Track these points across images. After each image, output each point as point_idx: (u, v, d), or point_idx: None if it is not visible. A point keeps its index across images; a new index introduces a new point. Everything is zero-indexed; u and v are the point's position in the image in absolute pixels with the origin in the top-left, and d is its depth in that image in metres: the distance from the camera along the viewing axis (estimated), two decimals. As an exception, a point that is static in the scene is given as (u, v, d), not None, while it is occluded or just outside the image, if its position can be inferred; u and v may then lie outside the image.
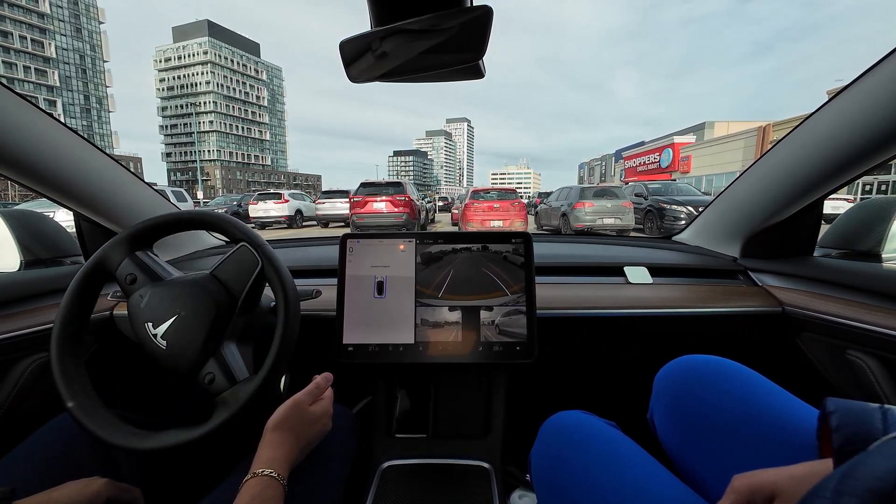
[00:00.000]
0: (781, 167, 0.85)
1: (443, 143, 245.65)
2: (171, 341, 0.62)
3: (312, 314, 0.88)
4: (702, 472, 0.54)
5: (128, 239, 0.68)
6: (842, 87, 0.70)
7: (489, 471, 0.86)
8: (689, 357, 0.65)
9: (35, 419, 0.68)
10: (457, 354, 0.79)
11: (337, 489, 0.65)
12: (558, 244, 1.23)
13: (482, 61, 0.52)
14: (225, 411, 0.59)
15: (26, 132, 0.73)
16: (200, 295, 0.64)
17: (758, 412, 0.53)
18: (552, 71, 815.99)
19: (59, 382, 0.60)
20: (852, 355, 0.73)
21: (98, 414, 0.59)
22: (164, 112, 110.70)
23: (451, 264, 0.83)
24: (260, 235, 0.69)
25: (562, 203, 9.73)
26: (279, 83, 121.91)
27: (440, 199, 30.79)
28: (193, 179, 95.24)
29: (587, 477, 0.52)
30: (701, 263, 1.06)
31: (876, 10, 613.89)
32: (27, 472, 0.58)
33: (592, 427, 0.59)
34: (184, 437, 0.57)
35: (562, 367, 1.14)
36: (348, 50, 0.51)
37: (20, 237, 0.96)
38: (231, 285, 0.66)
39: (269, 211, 13.56)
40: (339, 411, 0.76)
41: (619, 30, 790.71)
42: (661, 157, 29.33)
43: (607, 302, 0.92)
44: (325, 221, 13.82)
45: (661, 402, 0.63)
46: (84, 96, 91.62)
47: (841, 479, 0.27)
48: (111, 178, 0.93)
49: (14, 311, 0.80)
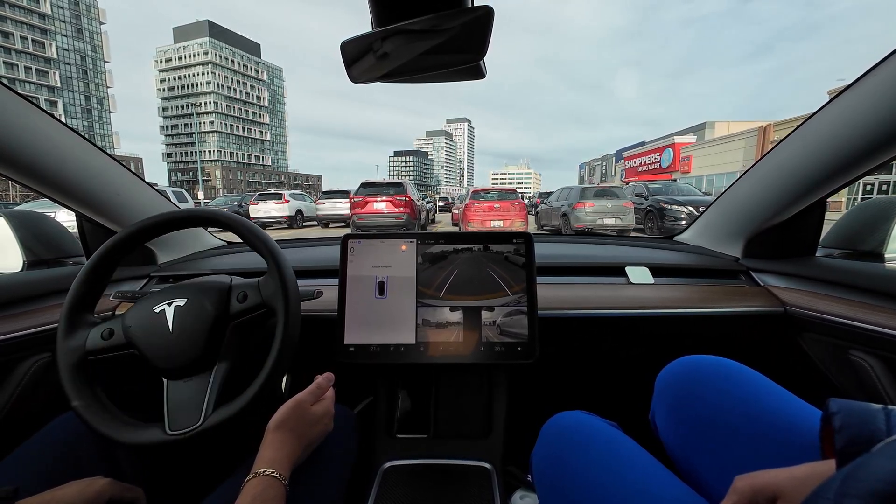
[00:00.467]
0: (783, 167, 0.85)
1: (443, 144, 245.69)
2: (179, 325, 0.63)
3: (314, 315, 0.88)
4: (704, 472, 0.54)
5: (136, 233, 0.69)
6: (843, 86, 0.70)
7: (490, 471, 0.86)
8: (691, 357, 0.65)
9: (37, 419, 0.68)
10: (458, 355, 0.79)
11: (338, 489, 0.65)
12: (559, 244, 1.23)
13: (483, 61, 0.52)
14: (225, 411, 0.59)
15: (28, 133, 0.73)
16: (212, 292, 0.67)
17: (760, 412, 0.53)
18: (553, 71, 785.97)
19: (65, 381, 0.60)
20: (855, 356, 0.73)
21: (103, 412, 0.60)
22: (165, 112, 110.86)
23: (452, 265, 0.83)
24: (266, 233, 0.70)
25: (562, 203, 9.73)
26: (280, 83, 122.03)
27: (440, 200, 30.80)
28: (194, 180, 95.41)
29: (588, 477, 0.52)
30: (703, 263, 1.06)
31: (877, 10, 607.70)
32: (30, 472, 0.58)
33: (593, 427, 0.59)
34: (155, 438, 0.58)
35: (563, 368, 1.14)
36: (349, 50, 0.51)
37: (23, 238, 0.96)
38: (238, 302, 0.67)
39: (269, 211, 13.58)
40: (341, 412, 0.76)
41: (620, 30, 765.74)
42: (662, 157, 29.32)
43: (609, 302, 0.91)
44: (326, 222, 13.83)
45: (663, 402, 0.63)
46: (85, 97, 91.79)
47: (844, 480, 0.26)
48: (112, 178, 0.93)
49: (17, 312, 0.80)
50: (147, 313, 0.65)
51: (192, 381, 0.63)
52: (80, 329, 0.65)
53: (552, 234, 8.85)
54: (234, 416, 0.59)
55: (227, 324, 0.66)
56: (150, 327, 0.64)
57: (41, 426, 0.64)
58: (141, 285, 1.04)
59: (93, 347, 0.63)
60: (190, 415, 0.60)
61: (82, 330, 0.65)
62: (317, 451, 0.62)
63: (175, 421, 0.59)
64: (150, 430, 0.59)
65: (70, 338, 0.63)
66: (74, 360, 0.62)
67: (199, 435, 0.58)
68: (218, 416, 0.59)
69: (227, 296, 0.67)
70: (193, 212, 0.74)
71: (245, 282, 0.71)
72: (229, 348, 0.66)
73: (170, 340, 0.62)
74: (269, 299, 0.66)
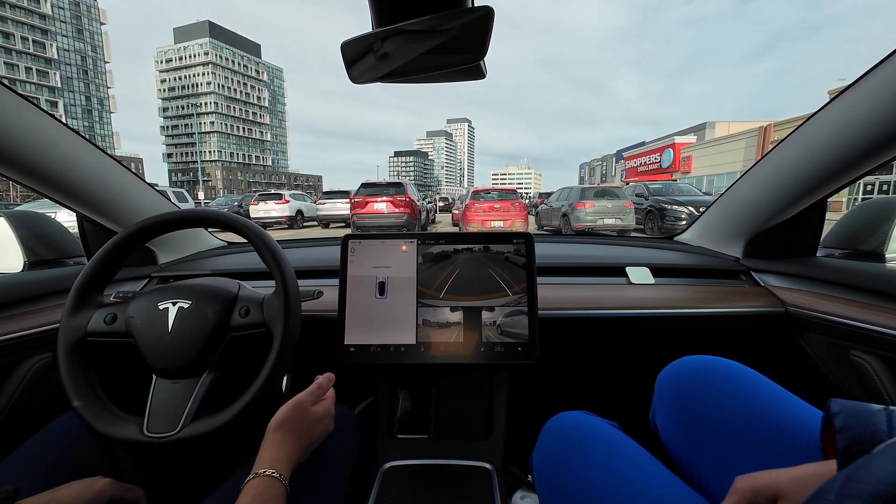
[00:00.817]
0: (784, 167, 0.85)
1: (443, 144, 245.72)
2: (178, 327, 0.63)
3: (314, 315, 0.88)
4: (704, 472, 0.54)
5: (136, 233, 0.70)
6: (844, 86, 0.70)
7: (491, 472, 0.85)
8: (691, 357, 0.65)
9: (38, 419, 0.68)
10: (458, 355, 0.79)
11: (338, 489, 0.65)
12: (559, 244, 1.23)
13: (483, 62, 0.52)
14: (202, 425, 0.59)
15: (28, 133, 0.74)
16: (216, 299, 0.67)
17: (760, 413, 0.53)
18: (553, 71, 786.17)
19: (61, 357, 0.61)
20: (856, 356, 0.73)
21: (104, 412, 0.60)
22: (166, 113, 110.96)
23: (452, 265, 0.83)
24: (268, 234, 0.70)
25: (562, 203, 9.72)
26: (280, 84, 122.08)
27: (441, 200, 30.81)
28: (194, 180, 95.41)
29: (588, 477, 0.52)
30: (703, 264, 1.06)
31: (877, 10, 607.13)
32: (31, 472, 0.58)
33: (594, 427, 0.59)
34: (130, 436, 0.58)
35: (564, 368, 1.14)
36: (350, 51, 0.51)
37: (24, 238, 0.96)
38: (240, 316, 0.67)
39: (269, 211, 13.59)
40: (341, 412, 0.76)
41: (621, 30, 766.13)
42: (662, 157, 29.32)
43: (609, 302, 0.91)
44: (326, 222, 13.83)
45: (663, 402, 0.63)
46: (86, 97, 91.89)
47: (845, 482, 0.26)
48: (113, 178, 0.93)
49: (18, 312, 0.80)
50: (151, 308, 0.65)
51: (179, 384, 0.63)
52: (87, 309, 0.66)
53: (552, 234, 8.85)
54: (210, 433, 0.59)
55: (224, 335, 0.66)
56: (150, 323, 0.64)
57: (42, 426, 0.64)
58: (141, 285, 1.04)
59: (94, 329, 0.65)
60: (169, 420, 0.60)
61: (88, 310, 0.66)
62: (317, 451, 0.62)
63: (154, 423, 0.60)
64: (127, 426, 0.59)
65: (75, 316, 0.65)
66: (75, 338, 0.63)
67: (173, 444, 0.58)
68: (193, 428, 0.59)
69: (230, 307, 0.68)
70: (194, 212, 0.74)
71: (251, 296, 0.71)
72: (221, 359, 0.66)
73: (166, 340, 0.63)
74: (270, 321, 0.66)
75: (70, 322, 0.64)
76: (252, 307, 0.68)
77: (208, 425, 0.59)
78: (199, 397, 0.62)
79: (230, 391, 0.65)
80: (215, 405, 0.62)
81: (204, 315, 0.65)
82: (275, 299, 0.67)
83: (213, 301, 0.67)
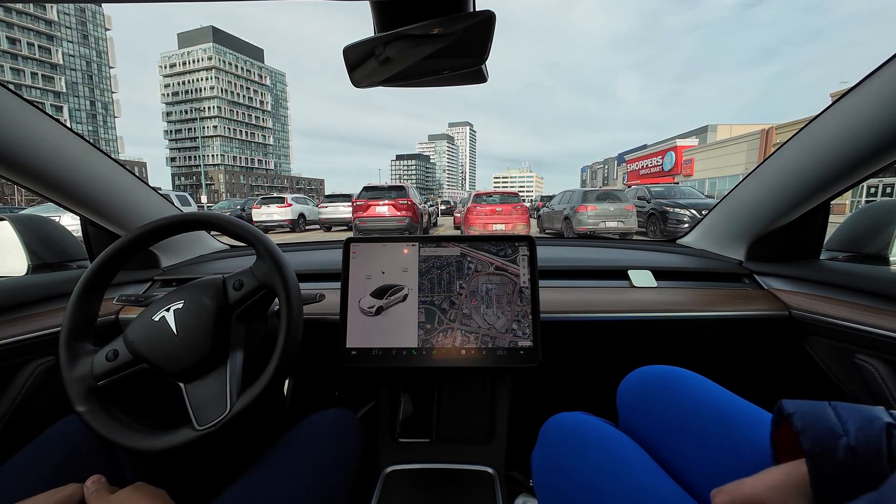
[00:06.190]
0: (787, 169, 0.85)
1: (445, 147, 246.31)
2: (182, 326, 0.62)
3: (316, 318, 0.88)
4: (689, 477, 0.54)
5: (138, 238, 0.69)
6: (846, 89, 0.70)
7: (493, 476, 0.85)
8: (643, 369, 0.68)
9: (40, 422, 0.68)
10: (460, 358, 0.79)
11: (341, 493, 0.65)
12: (561, 248, 1.22)
13: (485, 66, 0.53)
14: (248, 396, 0.59)
15: (33, 137, 0.74)
16: (207, 288, 0.66)
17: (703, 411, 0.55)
18: (556, 75, 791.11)
19: (102, 430, 0.59)
20: (860, 359, 0.72)
21: (106, 417, 0.60)
22: (169, 117, 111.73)
23: (454, 268, 0.83)
24: (269, 237, 0.70)
25: (564, 206, 9.72)
26: (283, 88, 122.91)
27: (443, 203, 30.80)
28: (198, 184, 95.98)
29: (587, 477, 0.52)
30: (706, 267, 1.06)
31: (879, 13, 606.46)
32: (32, 476, 0.58)
33: (592, 427, 0.59)
34: (188, 437, 0.57)
35: (567, 372, 1.14)
36: (352, 55, 0.52)
37: (28, 242, 0.97)
38: (235, 291, 0.67)
39: (272, 215, 13.63)
40: (344, 415, 0.76)
41: (624, 35, 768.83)
42: (664, 160, 29.29)
43: (612, 305, 0.91)
44: (328, 225, 13.86)
45: (624, 415, 0.66)
46: (90, 102, 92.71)
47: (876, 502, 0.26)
48: (117, 182, 0.93)
49: (21, 315, 0.80)
50: (147, 324, 0.64)
51: (209, 379, 0.62)
52: (83, 357, 0.62)
53: (554, 237, 8.84)
54: (234, 419, 0.58)
55: (229, 315, 0.66)
56: (154, 336, 0.63)
57: (44, 429, 0.64)
58: (144, 289, 1.04)
59: (100, 371, 0.61)
60: (216, 409, 0.59)
61: (85, 357, 0.62)
62: (320, 454, 0.62)
63: (202, 417, 0.59)
64: (181, 432, 0.58)
65: (74, 367, 0.61)
66: (85, 388, 0.60)
67: (230, 423, 0.58)
68: (242, 401, 0.59)
69: (223, 288, 0.67)
70: (195, 216, 0.74)
71: (238, 270, 0.70)
72: (238, 338, 0.65)
73: (177, 344, 0.62)
74: (266, 279, 0.66)
75: (72, 375, 0.61)
76: (243, 278, 0.67)
77: (252, 393, 0.59)
78: (236, 376, 0.62)
79: (261, 360, 0.64)
80: (253, 376, 0.62)
81: (202, 305, 0.64)
82: (260, 262, 0.67)
83: (205, 290, 0.66)
